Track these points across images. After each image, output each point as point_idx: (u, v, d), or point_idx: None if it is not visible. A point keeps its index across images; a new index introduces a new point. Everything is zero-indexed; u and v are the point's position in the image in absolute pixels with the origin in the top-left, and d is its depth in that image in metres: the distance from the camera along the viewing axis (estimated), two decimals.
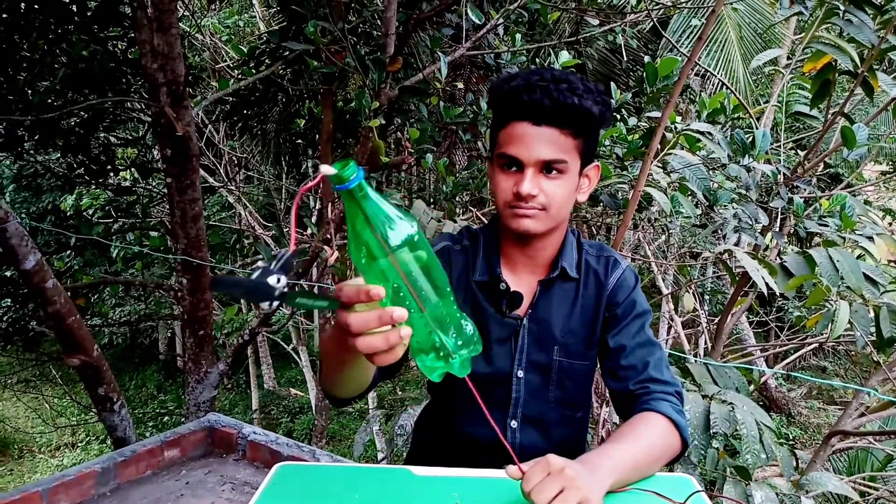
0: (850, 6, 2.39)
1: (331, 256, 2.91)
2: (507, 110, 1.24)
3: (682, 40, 6.84)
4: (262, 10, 8.99)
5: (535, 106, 1.19)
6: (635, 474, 1.10)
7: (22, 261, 2.71)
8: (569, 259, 1.37)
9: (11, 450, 13.80)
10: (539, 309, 1.37)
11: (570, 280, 1.38)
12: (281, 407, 13.13)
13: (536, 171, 1.23)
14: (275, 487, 1.12)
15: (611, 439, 1.17)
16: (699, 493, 1.07)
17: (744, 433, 1.91)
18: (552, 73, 1.22)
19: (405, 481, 1.14)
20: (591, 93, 1.22)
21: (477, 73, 4.66)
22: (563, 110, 1.19)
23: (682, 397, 1.30)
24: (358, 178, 0.78)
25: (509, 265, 1.39)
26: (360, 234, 0.81)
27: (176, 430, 1.68)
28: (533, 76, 1.22)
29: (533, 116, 1.21)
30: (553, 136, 1.21)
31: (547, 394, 1.38)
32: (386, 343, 0.83)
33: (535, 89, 1.19)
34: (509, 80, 1.25)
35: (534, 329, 1.37)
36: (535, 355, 1.37)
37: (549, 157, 1.22)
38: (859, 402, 2.99)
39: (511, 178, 1.26)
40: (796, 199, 2.58)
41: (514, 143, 1.23)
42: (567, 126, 1.21)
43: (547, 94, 1.18)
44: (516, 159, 1.23)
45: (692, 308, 4.43)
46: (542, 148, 1.21)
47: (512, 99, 1.23)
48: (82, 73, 3.93)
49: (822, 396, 11.57)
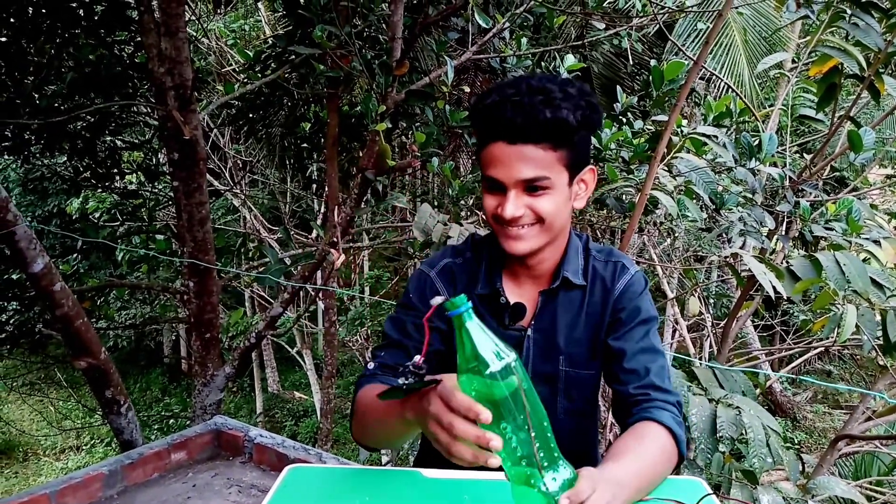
0: (857, 10, 2.39)
1: (337, 260, 2.91)
2: (484, 130, 1.20)
3: (688, 44, 6.83)
4: (267, 14, 9.02)
5: (509, 124, 1.14)
6: (642, 492, 1.09)
7: (30, 264, 2.72)
8: (573, 267, 1.34)
9: (17, 452, 13.83)
10: (543, 319, 1.35)
11: (575, 288, 1.35)
12: (285, 410, 13.14)
13: (519, 192, 1.19)
14: (286, 490, 1.12)
15: (617, 454, 1.13)
16: (710, 497, 1.07)
17: (750, 437, 1.91)
18: (528, 83, 1.16)
19: (415, 483, 1.15)
20: (571, 98, 1.15)
21: (483, 77, 4.66)
22: (537, 126, 1.14)
23: (681, 408, 1.28)
24: (465, 307, 0.86)
25: (511, 277, 1.36)
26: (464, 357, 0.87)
27: (183, 433, 1.68)
28: (508, 90, 1.16)
29: (507, 135, 1.16)
30: (531, 153, 1.16)
31: (555, 405, 1.37)
32: (473, 459, 0.86)
33: (506, 107, 1.14)
34: (486, 96, 1.20)
35: (538, 340, 1.35)
36: (540, 366, 1.35)
37: (528, 175, 1.17)
38: (866, 406, 2.98)
39: (496, 199, 1.22)
40: (803, 203, 2.58)
41: (493, 164, 1.19)
42: (544, 140, 1.16)
43: (520, 111, 1.13)
44: (497, 181, 1.19)
45: (697, 312, 4.42)
46: (521, 167, 1.17)
47: (487, 118, 1.18)
48: (89, 76, 3.95)
49: (828, 400, 11.53)
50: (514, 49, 3.70)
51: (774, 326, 8.69)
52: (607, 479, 0.99)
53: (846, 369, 12.04)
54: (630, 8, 4.30)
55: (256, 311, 11.72)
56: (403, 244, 6.29)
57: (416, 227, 2.44)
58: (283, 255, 4.05)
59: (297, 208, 10.63)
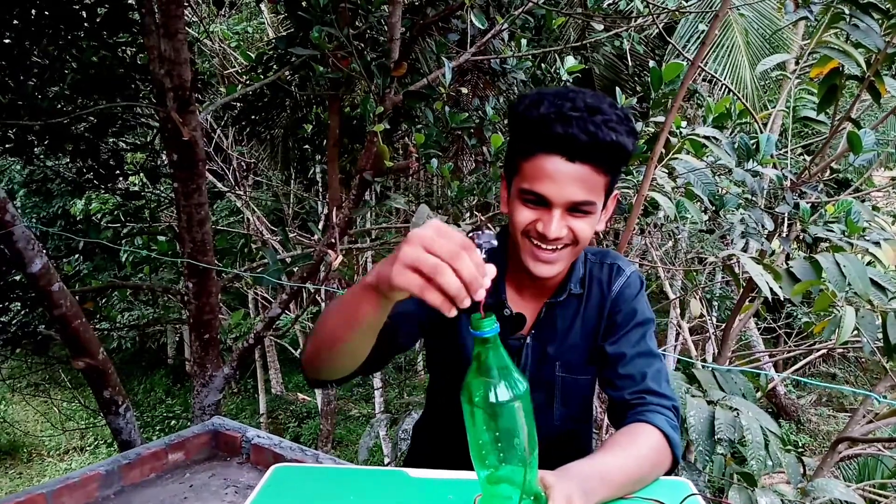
0: (856, 11, 2.38)
1: (335, 260, 2.91)
2: (535, 140, 1.11)
3: (690, 45, 6.83)
4: (270, 16, 9.04)
5: (571, 141, 1.08)
6: (627, 487, 1.08)
7: (28, 264, 2.73)
8: (576, 277, 1.33)
9: (20, 453, 13.87)
10: (543, 328, 1.33)
11: (574, 295, 1.33)
12: (288, 412, 13.16)
13: (564, 211, 1.14)
14: (271, 488, 1.12)
15: (605, 448, 1.14)
16: (694, 497, 1.07)
17: (749, 439, 1.90)
18: (584, 100, 1.10)
19: (401, 483, 1.15)
20: (623, 122, 1.11)
21: (483, 79, 4.66)
22: (601, 147, 1.08)
23: (678, 412, 1.26)
24: (493, 331, 0.84)
25: (515, 287, 1.34)
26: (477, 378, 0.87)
27: (180, 434, 1.68)
28: (564, 103, 1.09)
29: (567, 152, 1.09)
30: (586, 175, 1.11)
31: (552, 412, 1.36)
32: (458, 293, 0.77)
33: (570, 121, 1.07)
34: (535, 104, 1.12)
35: (537, 348, 1.34)
36: (537, 374, 1.34)
37: (580, 198, 1.12)
38: (867, 409, 2.96)
39: (534, 213, 1.16)
40: (802, 205, 2.57)
41: (542, 179, 1.12)
42: (602, 163, 1.11)
43: (583, 128, 1.07)
44: (544, 198, 1.13)
45: (699, 314, 4.41)
46: (574, 188, 1.11)
47: (542, 128, 1.10)
48: (92, 78, 3.96)
49: (832, 404, 11.49)
50: (514, 50, 3.71)
51: (778, 329, 8.67)
52: (578, 475, 1.00)
53: (851, 372, 12.00)
54: (631, 10, 4.29)
55: (260, 312, 11.74)
56: None
57: (414, 227, 2.44)
58: (282, 255, 4.05)
59: (300, 210, 10.65)
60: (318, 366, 1.12)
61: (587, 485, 0.99)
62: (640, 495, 1.09)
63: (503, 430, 0.86)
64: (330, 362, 1.09)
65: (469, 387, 0.87)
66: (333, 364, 1.10)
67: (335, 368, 1.11)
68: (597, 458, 1.09)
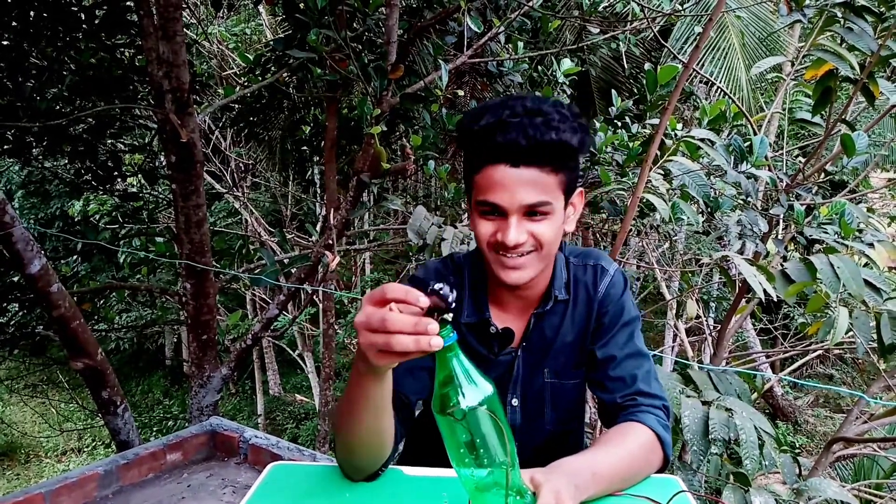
0: (850, 14, 2.40)
1: (333, 262, 2.92)
2: (481, 153, 1.13)
3: (686, 48, 6.85)
4: (268, 18, 9.05)
5: (512, 146, 1.09)
6: (617, 484, 1.09)
7: (27, 265, 2.73)
8: (559, 283, 1.32)
9: (18, 454, 13.86)
10: (532, 339, 1.33)
11: (560, 302, 1.33)
12: (286, 413, 13.14)
13: (520, 217, 1.14)
14: (267, 487, 1.13)
15: (596, 446, 1.15)
16: (684, 493, 1.08)
17: (743, 439, 1.91)
18: (523, 105, 1.10)
19: (396, 481, 1.16)
20: (567, 120, 1.11)
21: (480, 81, 4.68)
22: (542, 148, 1.09)
23: (668, 412, 1.26)
24: (450, 339, 0.85)
25: (497, 302, 1.33)
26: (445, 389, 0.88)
27: (178, 434, 1.69)
28: (503, 111, 1.10)
29: (510, 158, 1.10)
30: (534, 177, 1.11)
31: (542, 419, 1.37)
32: (416, 345, 0.81)
33: (508, 128, 1.08)
34: (477, 117, 1.13)
35: (528, 359, 1.34)
36: (528, 383, 1.35)
37: (532, 200, 1.12)
38: (860, 410, 2.98)
39: (493, 224, 1.17)
40: (797, 207, 2.58)
41: (492, 189, 1.13)
42: (547, 163, 1.11)
43: (522, 133, 1.07)
44: (498, 206, 1.14)
45: (695, 315, 4.43)
46: (524, 192, 1.12)
47: (484, 140, 1.11)
48: (90, 80, 3.96)
49: (829, 405, 11.50)
50: (510, 53, 3.72)
51: (774, 330, 8.69)
52: (569, 470, 1.01)
53: (847, 373, 12.02)
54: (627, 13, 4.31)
55: (257, 313, 11.75)
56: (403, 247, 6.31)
57: (411, 229, 2.45)
58: (279, 257, 4.06)
59: (298, 211, 10.65)
60: (353, 458, 1.12)
61: (577, 479, 1.00)
62: (630, 492, 1.10)
63: (480, 434, 0.87)
64: (360, 448, 1.09)
65: (438, 398, 0.88)
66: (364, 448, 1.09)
67: (368, 452, 1.10)
68: (587, 455, 1.10)
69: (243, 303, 12.94)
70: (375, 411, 1.02)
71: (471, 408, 0.86)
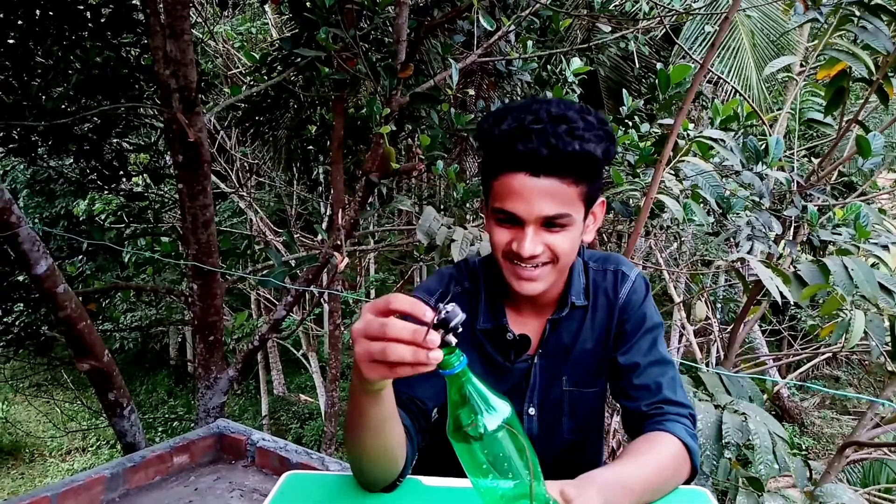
0: (865, 13, 2.37)
1: (341, 263, 2.90)
2: (500, 159, 1.09)
3: (696, 47, 6.82)
4: (274, 17, 9.04)
5: (532, 155, 1.04)
6: (647, 496, 1.06)
7: (34, 265, 2.72)
8: (577, 289, 1.28)
9: (23, 454, 13.89)
10: (549, 345, 1.30)
11: (578, 308, 1.29)
12: (290, 413, 13.14)
13: (538, 228, 1.10)
14: (283, 496, 1.11)
15: (625, 457, 1.12)
16: None
17: (756, 443, 1.88)
18: (548, 110, 1.05)
19: (415, 491, 1.13)
20: (593, 128, 1.06)
21: (488, 80, 4.66)
22: (564, 158, 1.04)
23: (695, 420, 1.23)
24: (461, 365, 0.81)
25: (514, 308, 1.30)
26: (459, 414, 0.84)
27: (185, 436, 1.68)
28: (526, 116, 1.05)
29: (530, 167, 1.05)
30: (554, 188, 1.07)
31: (561, 427, 1.33)
32: (413, 357, 0.77)
33: (530, 135, 1.04)
34: (499, 120, 1.08)
35: (545, 366, 1.30)
36: (546, 391, 1.31)
37: (551, 212, 1.08)
38: (874, 413, 2.95)
39: (509, 233, 1.13)
40: (810, 208, 2.56)
41: (510, 197, 1.09)
42: (569, 174, 1.07)
43: (544, 141, 1.03)
44: (514, 216, 1.10)
45: (704, 317, 4.40)
46: (543, 203, 1.07)
47: (504, 146, 1.07)
48: (96, 78, 3.96)
49: (836, 406, 11.45)
50: (519, 52, 3.70)
51: (782, 332, 8.65)
52: (599, 484, 0.98)
53: (854, 375, 11.97)
54: (637, 11, 4.28)
55: (263, 313, 11.75)
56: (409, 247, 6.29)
57: (420, 230, 2.43)
58: (287, 257, 4.04)
59: (303, 211, 10.65)
60: (363, 474, 1.10)
61: (608, 493, 0.97)
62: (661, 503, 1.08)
63: (501, 456, 0.83)
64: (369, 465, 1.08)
65: (454, 424, 0.84)
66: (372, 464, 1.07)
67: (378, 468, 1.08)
68: (617, 467, 1.07)
69: (248, 303, 12.94)
70: (376, 431, 0.99)
71: (490, 432, 0.82)
